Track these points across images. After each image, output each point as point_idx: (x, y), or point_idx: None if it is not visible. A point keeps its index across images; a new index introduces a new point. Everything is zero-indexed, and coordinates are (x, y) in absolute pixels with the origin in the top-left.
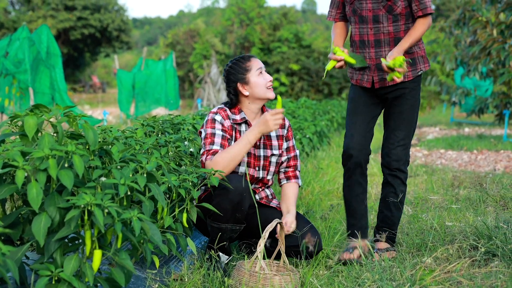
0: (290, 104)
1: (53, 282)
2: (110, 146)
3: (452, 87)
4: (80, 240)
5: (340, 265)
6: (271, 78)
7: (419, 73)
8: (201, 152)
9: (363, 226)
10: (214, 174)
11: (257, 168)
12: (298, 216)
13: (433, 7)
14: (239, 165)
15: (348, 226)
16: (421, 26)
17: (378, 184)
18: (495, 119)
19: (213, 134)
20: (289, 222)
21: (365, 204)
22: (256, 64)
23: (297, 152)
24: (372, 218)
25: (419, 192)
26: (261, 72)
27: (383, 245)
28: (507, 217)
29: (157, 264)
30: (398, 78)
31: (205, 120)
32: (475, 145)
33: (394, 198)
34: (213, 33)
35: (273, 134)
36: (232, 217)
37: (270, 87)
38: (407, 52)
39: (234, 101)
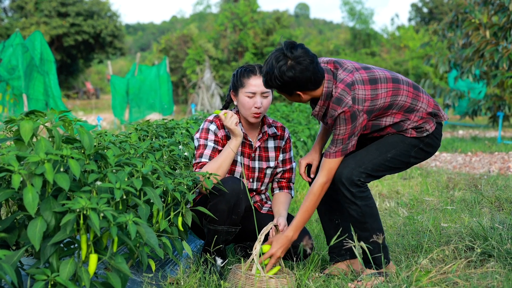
0: (284, 108)
1: (49, 286)
2: (105, 150)
3: (446, 89)
4: (76, 245)
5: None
6: (260, 104)
7: (405, 135)
8: (193, 163)
9: (335, 246)
10: (209, 177)
11: (251, 180)
12: (290, 219)
13: (339, 153)
14: (236, 165)
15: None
16: (305, 201)
17: None
18: (489, 121)
19: (205, 146)
20: (282, 225)
21: (335, 223)
22: (251, 86)
23: (294, 165)
24: None
25: (414, 194)
26: (251, 97)
27: (368, 271)
28: (502, 218)
29: (153, 268)
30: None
31: (200, 127)
32: (469, 147)
33: (351, 219)
34: (206, 38)
35: (270, 145)
36: (228, 218)
37: (255, 114)
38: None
39: (227, 102)
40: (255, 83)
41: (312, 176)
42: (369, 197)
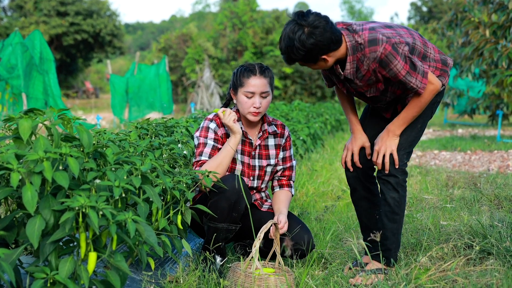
0: (283, 107)
1: (48, 284)
2: (104, 149)
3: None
4: (75, 243)
5: (337, 263)
6: (259, 105)
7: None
8: (193, 161)
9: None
10: (208, 176)
11: (251, 178)
12: (291, 216)
13: (424, 79)
14: (236, 163)
15: (364, 240)
16: (416, 103)
17: None
18: (488, 120)
19: (204, 144)
20: (282, 222)
21: (377, 218)
22: (250, 86)
23: (294, 163)
24: None
25: (413, 192)
26: (250, 97)
27: (372, 265)
28: (501, 216)
29: (153, 266)
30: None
31: (200, 125)
32: (468, 145)
33: (386, 207)
34: (205, 37)
35: (271, 143)
36: (228, 216)
37: (254, 113)
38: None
39: (227, 100)
40: (254, 83)
41: (369, 157)
42: (406, 190)
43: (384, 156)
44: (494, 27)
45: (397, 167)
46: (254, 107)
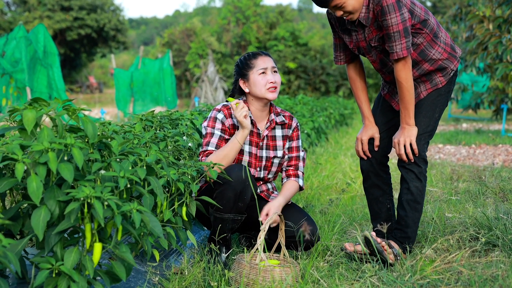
0: (287, 101)
1: (54, 275)
2: (109, 140)
3: None
4: (80, 234)
5: (342, 255)
6: (274, 79)
7: (438, 86)
8: (200, 150)
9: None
10: (213, 167)
11: (258, 169)
12: (296, 208)
13: (405, 50)
14: (243, 154)
15: (373, 230)
16: (400, 88)
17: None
18: (493, 115)
19: (212, 134)
20: (265, 210)
21: (387, 207)
22: (261, 63)
23: (302, 154)
24: None
25: None
26: (264, 72)
27: (393, 244)
28: (506, 208)
29: (157, 257)
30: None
31: (208, 115)
32: (473, 139)
33: (408, 195)
34: (209, 32)
35: (278, 134)
36: (234, 206)
37: (271, 88)
38: (421, 75)
39: (236, 95)
40: (263, 60)
41: (376, 149)
42: (427, 180)
43: (405, 147)
44: (499, 21)
45: (417, 155)
46: (271, 82)
